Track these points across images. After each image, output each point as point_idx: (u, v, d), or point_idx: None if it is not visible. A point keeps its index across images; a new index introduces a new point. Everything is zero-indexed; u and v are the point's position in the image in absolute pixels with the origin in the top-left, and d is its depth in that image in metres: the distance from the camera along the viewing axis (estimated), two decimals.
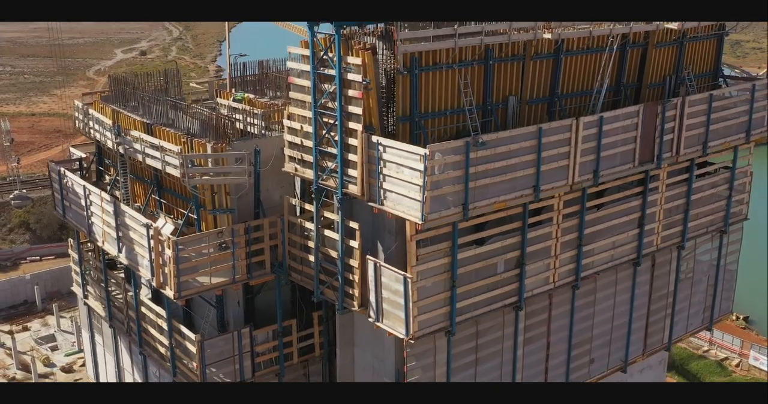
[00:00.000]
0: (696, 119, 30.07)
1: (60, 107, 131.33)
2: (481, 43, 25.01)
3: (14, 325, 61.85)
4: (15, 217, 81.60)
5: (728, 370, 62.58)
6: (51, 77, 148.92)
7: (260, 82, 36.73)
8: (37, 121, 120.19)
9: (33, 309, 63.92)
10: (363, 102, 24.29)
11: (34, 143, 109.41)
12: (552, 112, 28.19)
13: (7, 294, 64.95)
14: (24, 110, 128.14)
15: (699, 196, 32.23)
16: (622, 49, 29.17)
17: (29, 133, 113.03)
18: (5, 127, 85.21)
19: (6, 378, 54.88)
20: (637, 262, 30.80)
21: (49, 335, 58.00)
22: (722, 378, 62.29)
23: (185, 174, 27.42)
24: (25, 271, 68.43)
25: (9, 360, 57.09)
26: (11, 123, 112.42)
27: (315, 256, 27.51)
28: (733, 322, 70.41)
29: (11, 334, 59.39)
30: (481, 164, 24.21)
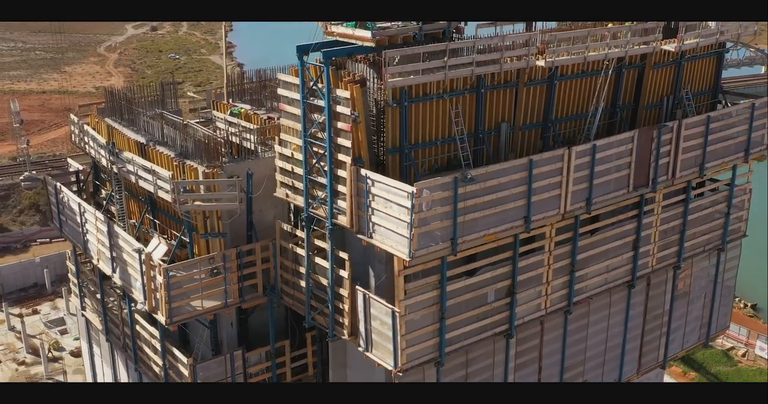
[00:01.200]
0: (693, 141, 29.71)
1: (71, 85, 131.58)
2: (472, 73, 24.70)
3: (24, 308, 62.21)
4: (25, 199, 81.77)
5: (734, 360, 62.47)
6: (62, 53, 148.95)
7: (258, 92, 36.59)
8: (48, 98, 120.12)
9: (43, 292, 64.22)
10: (352, 135, 24.13)
11: (44, 122, 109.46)
12: (546, 137, 27.91)
13: (17, 277, 65.26)
14: (35, 88, 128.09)
15: (696, 215, 31.96)
16: (618, 71, 28.81)
17: (40, 111, 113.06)
18: (15, 108, 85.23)
19: (16, 362, 55.47)
20: (631, 284, 30.64)
21: (58, 318, 58.54)
22: (728, 368, 62.23)
23: (176, 200, 27.38)
24: (35, 254, 68.73)
25: (19, 344, 57.64)
26: (22, 101, 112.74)
27: (306, 283, 27.50)
28: (740, 310, 70.20)
29: (21, 317, 59.87)
30: (470, 198, 24.02)
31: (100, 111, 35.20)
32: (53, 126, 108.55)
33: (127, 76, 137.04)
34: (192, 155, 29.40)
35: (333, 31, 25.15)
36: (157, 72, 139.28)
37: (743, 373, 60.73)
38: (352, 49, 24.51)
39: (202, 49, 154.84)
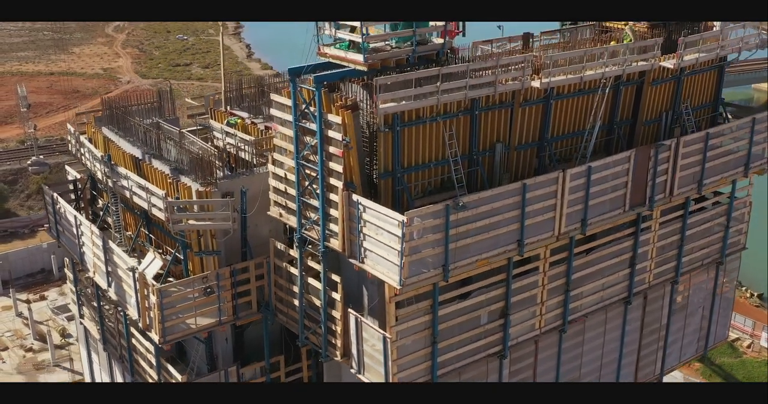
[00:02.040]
0: (691, 159, 29.44)
1: (78, 66, 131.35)
2: (465, 97, 24.45)
3: (31, 294, 62.44)
4: (32, 183, 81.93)
5: (739, 351, 62.43)
6: (70, 34, 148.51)
7: (257, 98, 36.37)
8: (56, 80, 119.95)
9: (50, 277, 64.37)
10: (343, 160, 23.95)
11: (52, 104, 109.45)
12: (542, 156, 27.66)
13: (24, 263, 65.37)
14: (43, 69, 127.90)
15: (695, 230, 31.73)
16: (616, 88, 28.49)
17: (48, 93, 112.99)
18: (22, 92, 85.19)
19: (23, 349, 55.86)
20: (628, 301, 30.50)
21: (65, 305, 58.61)
22: (732, 359, 62.22)
23: (170, 219, 27.30)
24: (42, 239, 68.72)
25: (26, 330, 58.02)
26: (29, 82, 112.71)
27: (299, 303, 27.46)
28: (746, 300, 70.04)
29: (28, 303, 60.16)
30: (462, 225, 23.86)
31: (97, 119, 35.09)
32: (61, 108, 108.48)
33: (135, 57, 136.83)
34: (187, 171, 29.29)
35: (326, 52, 24.94)
36: (164, 53, 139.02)
37: (747, 365, 60.72)
38: (344, 73, 24.28)
39: (210, 30, 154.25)
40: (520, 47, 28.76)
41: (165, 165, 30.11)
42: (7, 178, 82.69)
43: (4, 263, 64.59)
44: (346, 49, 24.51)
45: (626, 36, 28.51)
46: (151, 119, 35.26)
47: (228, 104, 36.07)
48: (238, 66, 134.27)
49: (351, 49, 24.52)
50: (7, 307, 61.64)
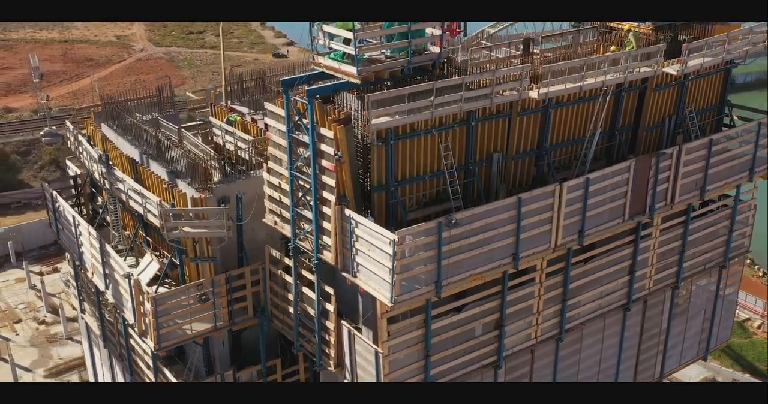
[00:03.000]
0: (694, 165, 28.95)
1: (93, 34, 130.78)
2: (460, 110, 24.01)
3: (44, 266, 62.75)
4: (45, 154, 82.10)
5: (749, 332, 62.30)
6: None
7: (258, 92, 36.06)
8: (70, 48, 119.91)
9: (63, 250, 64.15)
10: (336, 174, 23.66)
11: (66, 72, 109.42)
12: (540, 165, 27.25)
13: (38, 235, 65.44)
14: (56, 36, 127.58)
15: (697, 235, 31.31)
16: (617, 95, 27.95)
17: (62, 61, 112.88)
18: (34, 63, 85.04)
19: (36, 322, 56.33)
20: (627, 308, 30.23)
21: None
22: (743, 340, 62.07)
23: (164, 227, 27.18)
24: None
25: (39, 303, 58.45)
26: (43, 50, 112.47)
27: (294, 311, 27.38)
28: (759, 279, 69.62)
29: (41, 276, 60.53)
30: (456, 241, 23.60)
31: (97, 115, 34.90)
32: (75, 77, 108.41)
33: (148, 25, 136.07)
34: (183, 174, 29.11)
35: (320, 62, 24.51)
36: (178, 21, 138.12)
37: (758, 345, 60.68)
38: (337, 86, 23.89)
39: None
40: (520, 52, 28.19)
41: (162, 167, 29.94)
42: (20, 149, 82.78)
43: (17, 235, 64.74)
44: (340, 59, 24.08)
45: (629, 42, 27.88)
46: (151, 115, 35.15)
47: (229, 98, 35.82)
48: (251, 34, 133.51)
49: (345, 59, 24.09)
50: (21, 279, 61.97)
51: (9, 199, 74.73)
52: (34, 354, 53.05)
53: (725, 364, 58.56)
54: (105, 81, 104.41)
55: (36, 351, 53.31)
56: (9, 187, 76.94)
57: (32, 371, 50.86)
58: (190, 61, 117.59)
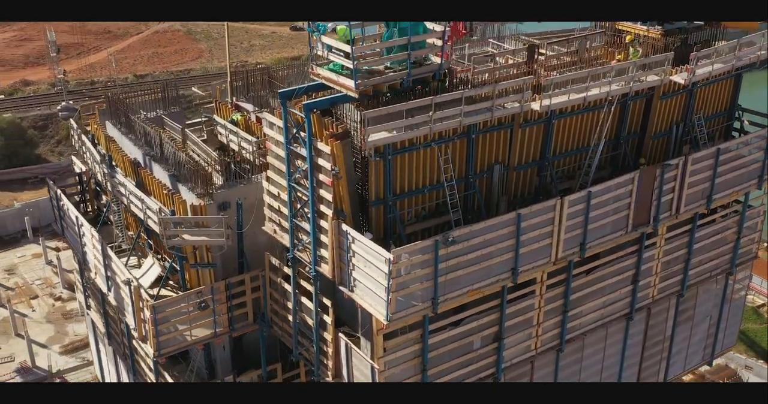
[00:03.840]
0: (700, 175, 28.48)
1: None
2: (460, 125, 23.64)
3: (61, 242, 62.78)
4: (62, 129, 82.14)
5: (764, 317, 61.64)
6: None
7: (264, 88, 35.74)
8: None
9: None
10: (333, 188, 23.43)
11: (83, 45, 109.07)
12: (543, 175, 26.88)
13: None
14: None
15: (703, 243, 30.88)
16: (623, 103, 27.44)
17: (80, 33, 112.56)
18: (51, 37, 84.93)
19: (53, 298, 56.70)
20: (630, 317, 29.95)
21: None
22: (757, 325, 61.51)
23: (164, 234, 27.12)
24: None
25: (55, 279, 58.67)
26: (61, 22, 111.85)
27: (293, 320, 27.31)
28: None
29: (57, 252, 60.68)
30: (453, 258, 23.36)
31: (102, 112, 34.79)
32: (92, 49, 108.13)
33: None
34: (184, 178, 28.98)
35: (318, 73, 24.17)
36: None
37: None
38: (335, 99, 23.54)
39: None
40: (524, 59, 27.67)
41: (164, 170, 29.82)
42: (37, 124, 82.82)
43: (34, 210, 64.67)
44: (338, 71, 23.71)
45: (635, 53, 27.23)
46: (156, 112, 34.99)
47: (234, 95, 35.54)
48: None
49: (344, 70, 23.71)
50: (37, 255, 62.03)
51: (26, 174, 74.63)
52: (50, 330, 52.97)
53: (738, 350, 58.13)
54: (122, 54, 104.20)
55: (52, 328, 53.24)
56: (26, 162, 76.87)
57: (48, 347, 50.82)
58: (208, 33, 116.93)
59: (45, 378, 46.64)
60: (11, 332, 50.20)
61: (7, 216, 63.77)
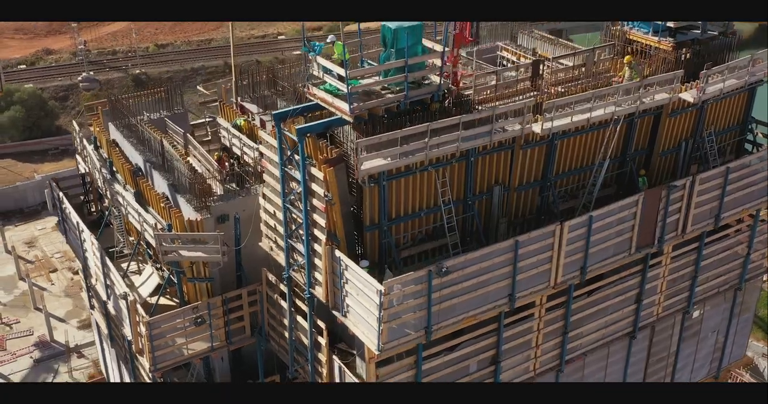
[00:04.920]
0: (708, 195, 27.72)
1: None
2: (457, 149, 23.06)
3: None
4: (83, 100, 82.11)
5: None
6: None
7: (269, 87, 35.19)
8: None
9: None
10: (327, 214, 22.99)
11: None
12: (545, 196, 26.25)
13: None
14: None
15: (711, 260, 30.19)
16: (630, 122, 26.66)
17: None
18: None
19: (71, 271, 56.91)
20: (633, 335, 29.42)
21: None
22: None
23: (159, 250, 26.86)
24: None
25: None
26: None
27: (289, 337, 27.08)
28: None
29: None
30: (447, 287, 22.91)
31: (105, 113, 34.45)
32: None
33: None
34: (183, 188, 28.65)
35: (314, 93, 23.62)
36: None
37: None
38: (329, 123, 23.06)
39: None
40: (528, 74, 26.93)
41: (164, 178, 29.47)
42: (58, 95, 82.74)
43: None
44: (334, 91, 23.15)
45: (635, 75, 26.20)
46: (159, 113, 34.57)
47: (239, 95, 35.01)
48: None
49: (340, 91, 23.14)
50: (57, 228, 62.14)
51: (47, 146, 74.59)
52: (68, 304, 52.72)
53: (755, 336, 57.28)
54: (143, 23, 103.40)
55: (70, 302, 52.96)
56: (47, 133, 76.78)
57: (66, 322, 50.80)
58: None
59: (62, 352, 46.60)
60: (30, 305, 49.69)
61: (27, 189, 63.37)
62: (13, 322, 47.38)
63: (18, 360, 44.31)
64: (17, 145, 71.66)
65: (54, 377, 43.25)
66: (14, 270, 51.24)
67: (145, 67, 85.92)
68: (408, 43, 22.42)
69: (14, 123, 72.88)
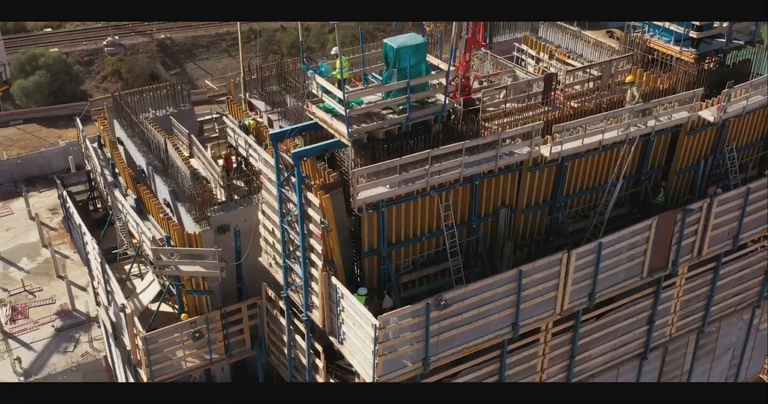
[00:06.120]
0: (727, 216, 26.56)
1: None
2: (460, 176, 22.06)
3: None
4: (108, 65, 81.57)
5: None
6: None
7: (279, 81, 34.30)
8: None
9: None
10: (323, 240, 22.20)
11: None
12: (554, 217, 25.21)
13: None
14: None
15: (728, 279, 29.08)
16: (646, 141, 25.45)
17: None
18: None
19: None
20: (644, 356, 28.51)
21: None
22: None
23: (157, 264, 26.30)
24: None
25: None
26: None
27: (288, 355, 26.53)
28: None
29: None
30: (446, 319, 22.12)
31: (110, 110, 33.80)
32: None
33: None
34: (184, 196, 27.99)
35: (314, 112, 22.69)
36: None
37: None
38: (327, 146, 22.14)
39: None
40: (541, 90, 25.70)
41: (165, 185, 28.81)
42: (83, 59, 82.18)
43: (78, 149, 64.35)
44: (333, 111, 22.20)
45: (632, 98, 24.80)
46: (165, 109, 33.82)
47: (247, 90, 34.11)
48: None
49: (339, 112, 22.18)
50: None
51: (71, 111, 73.88)
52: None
53: None
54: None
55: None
56: (72, 98, 76.29)
57: (86, 290, 50.43)
58: None
59: (83, 322, 46.35)
60: (53, 273, 49.16)
61: (52, 155, 62.72)
62: (36, 290, 46.87)
63: (40, 329, 44.06)
64: (42, 110, 71.13)
65: (75, 347, 43.02)
66: (38, 237, 50.62)
67: (170, 31, 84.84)
68: (410, 63, 21.36)
69: (39, 88, 72.37)
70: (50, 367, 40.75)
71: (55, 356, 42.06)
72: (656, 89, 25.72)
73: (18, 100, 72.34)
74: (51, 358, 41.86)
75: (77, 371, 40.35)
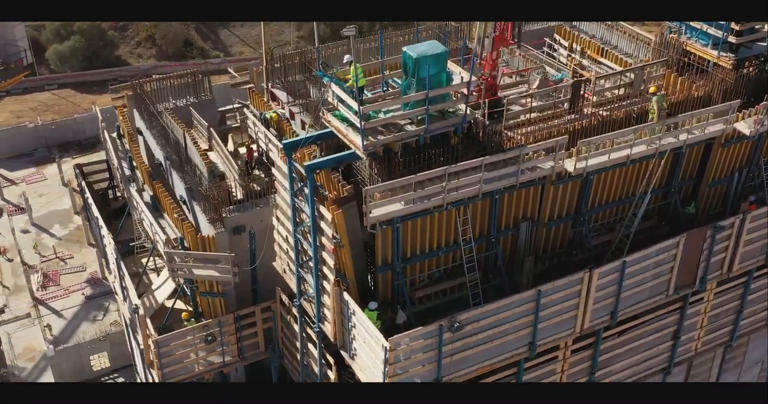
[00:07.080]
0: (761, 232, 25.44)
1: None
2: (479, 192, 21.21)
3: None
4: (143, 31, 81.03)
5: None
6: None
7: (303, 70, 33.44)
8: None
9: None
10: (335, 255, 21.52)
11: None
12: (577, 231, 24.29)
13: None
14: None
15: (759, 294, 28.01)
16: (677, 152, 24.33)
17: None
18: None
19: None
20: (668, 371, 27.66)
21: None
22: None
23: (170, 268, 25.85)
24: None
25: None
26: None
27: (300, 361, 26.05)
28: None
29: None
30: (460, 339, 21.42)
31: (130, 98, 33.19)
32: None
33: None
34: (199, 196, 27.43)
35: (329, 120, 21.92)
36: None
37: None
38: (341, 158, 21.37)
39: None
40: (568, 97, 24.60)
41: (182, 181, 28.26)
42: (117, 24, 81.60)
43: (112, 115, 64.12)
44: (348, 125, 21.39)
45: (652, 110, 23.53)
46: (186, 99, 33.16)
47: (270, 80, 33.32)
48: None
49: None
50: None
51: (106, 76, 73.54)
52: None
53: None
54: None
55: None
56: (106, 64, 75.81)
57: None
58: None
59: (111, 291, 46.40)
60: (84, 241, 49.10)
61: (85, 121, 62.51)
62: (68, 257, 46.68)
63: (70, 296, 43.99)
64: (77, 75, 70.87)
65: (104, 315, 42.90)
66: (70, 204, 50.42)
67: None
68: (430, 73, 20.45)
69: (74, 53, 71.98)
70: (79, 336, 40.56)
71: (84, 324, 41.66)
72: (690, 97, 24.57)
73: (53, 64, 72.13)
74: (80, 326, 41.56)
75: (105, 341, 40.14)
